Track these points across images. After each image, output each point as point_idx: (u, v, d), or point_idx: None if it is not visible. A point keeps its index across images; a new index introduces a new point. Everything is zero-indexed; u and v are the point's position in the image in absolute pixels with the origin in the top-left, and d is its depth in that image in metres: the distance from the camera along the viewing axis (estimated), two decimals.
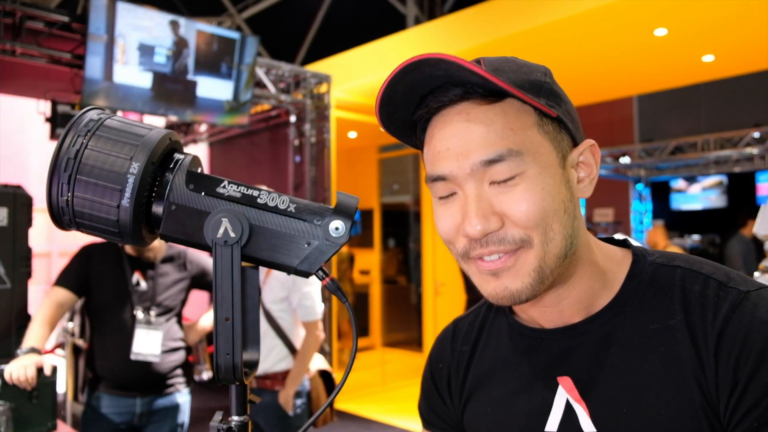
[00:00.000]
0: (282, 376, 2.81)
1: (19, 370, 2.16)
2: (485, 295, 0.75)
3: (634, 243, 0.84)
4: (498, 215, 0.70)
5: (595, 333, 0.77)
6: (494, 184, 0.71)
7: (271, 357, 2.81)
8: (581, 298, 0.77)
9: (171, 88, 4.85)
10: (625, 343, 0.75)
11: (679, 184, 9.43)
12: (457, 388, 0.91)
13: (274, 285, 2.82)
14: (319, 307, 2.84)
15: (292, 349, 2.84)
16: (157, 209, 0.69)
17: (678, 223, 9.49)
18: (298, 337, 2.88)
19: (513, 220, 0.70)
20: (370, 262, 8.96)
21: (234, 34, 5.15)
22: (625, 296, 0.77)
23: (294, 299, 2.80)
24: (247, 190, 0.70)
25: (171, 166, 0.70)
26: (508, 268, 0.71)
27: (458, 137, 0.71)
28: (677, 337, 0.72)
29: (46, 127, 4.89)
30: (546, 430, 0.78)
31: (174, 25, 4.75)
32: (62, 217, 0.68)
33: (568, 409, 0.77)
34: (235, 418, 0.69)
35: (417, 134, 0.78)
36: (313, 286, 2.81)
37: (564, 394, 0.78)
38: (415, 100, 0.74)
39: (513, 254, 0.71)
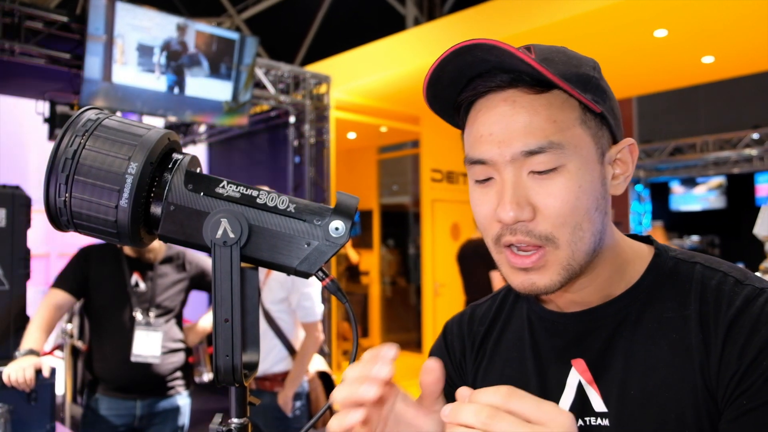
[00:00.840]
0: (281, 377, 2.80)
1: (18, 371, 2.15)
2: (513, 286, 0.76)
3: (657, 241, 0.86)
4: (531, 206, 0.71)
5: (611, 317, 0.79)
6: (533, 174, 0.72)
7: (270, 358, 2.80)
8: (602, 286, 0.79)
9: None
10: (639, 328, 0.77)
11: (676, 189, 9.42)
12: (470, 365, 0.93)
13: (273, 286, 2.81)
14: (319, 308, 2.83)
15: (291, 350, 2.83)
16: (156, 210, 0.68)
17: (677, 224, 9.49)
18: (298, 338, 2.87)
19: (545, 214, 0.71)
20: (369, 263, 8.95)
21: (233, 35, 5.15)
22: (644, 285, 0.79)
23: (293, 300, 2.79)
24: (246, 190, 0.69)
25: (170, 166, 0.69)
26: (538, 267, 0.73)
27: (502, 124, 0.72)
28: (689, 326, 0.74)
29: (45, 128, 4.88)
30: None
31: (181, 29, 4.74)
32: (60, 218, 0.68)
33: (580, 391, 0.78)
34: (235, 420, 0.68)
35: (460, 115, 0.79)
36: (313, 287, 2.81)
37: (577, 376, 0.79)
38: (463, 81, 0.75)
39: (542, 254, 0.72)
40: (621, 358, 0.76)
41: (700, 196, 9.29)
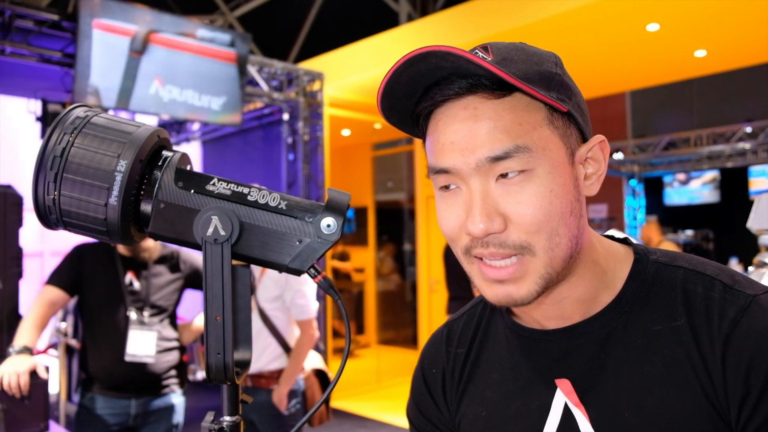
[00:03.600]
0: (276, 375, 2.80)
1: (11, 375, 2.12)
2: (486, 298, 0.73)
3: (635, 241, 0.81)
4: (502, 216, 0.68)
5: (595, 334, 0.74)
6: (501, 181, 0.68)
7: (265, 356, 2.80)
8: (583, 297, 0.75)
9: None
10: (627, 344, 0.73)
11: (671, 183, 9.45)
12: (453, 393, 0.87)
13: (267, 283, 2.81)
14: (313, 306, 2.82)
15: (286, 348, 2.83)
16: (146, 207, 0.68)
17: (671, 218, 9.52)
18: (293, 335, 2.87)
19: (517, 223, 0.68)
20: (364, 260, 8.95)
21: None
22: (627, 296, 0.74)
23: (287, 297, 2.79)
24: (237, 187, 0.69)
25: (159, 163, 0.69)
26: (515, 279, 0.69)
27: (464, 131, 0.68)
28: (681, 340, 0.70)
29: (37, 127, 4.85)
30: None
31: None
32: (49, 216, 0.67)
33: (567, 413, 0.74)
34: (227, 418, 0.68)
35: (419, 125, 0.76)
36: (307, 284, 2.80)
37: (562, 398, 0.75)
38: (419, 91, 0.72)
39: (518, 264, 0.69)
40: (609, 377, 0.72)
41: (694, 191, 9.32)
